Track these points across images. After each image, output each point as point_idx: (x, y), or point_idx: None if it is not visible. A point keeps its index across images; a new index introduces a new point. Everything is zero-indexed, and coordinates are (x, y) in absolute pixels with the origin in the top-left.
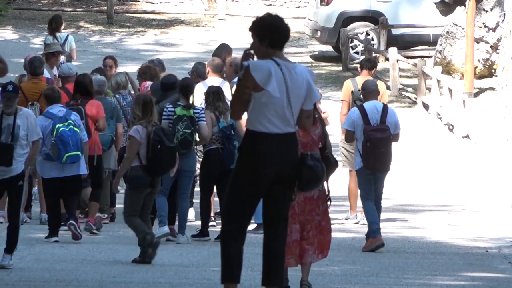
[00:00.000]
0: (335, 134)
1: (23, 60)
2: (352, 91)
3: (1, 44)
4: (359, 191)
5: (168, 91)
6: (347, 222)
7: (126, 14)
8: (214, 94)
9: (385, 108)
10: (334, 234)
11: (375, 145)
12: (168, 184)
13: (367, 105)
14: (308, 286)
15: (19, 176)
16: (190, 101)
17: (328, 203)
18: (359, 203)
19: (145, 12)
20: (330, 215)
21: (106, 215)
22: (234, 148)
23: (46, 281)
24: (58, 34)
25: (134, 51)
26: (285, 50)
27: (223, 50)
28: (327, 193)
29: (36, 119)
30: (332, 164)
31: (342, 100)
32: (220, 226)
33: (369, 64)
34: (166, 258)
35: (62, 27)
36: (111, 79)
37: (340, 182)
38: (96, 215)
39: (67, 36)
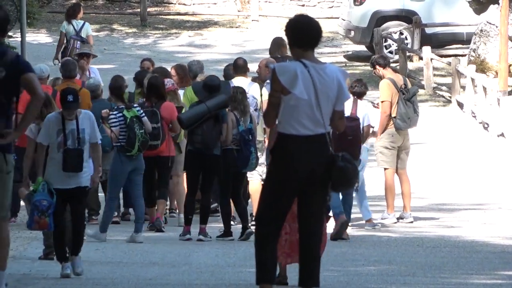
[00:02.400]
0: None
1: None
2: (401, 91)
3: (35, 47)
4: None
5: (212, 93)
6: (384, 222)
7: (160, 16)
8: (242, 94)
9: (355, 101)
10: (369, 233)
11: (344, 132)
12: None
13: None
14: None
15: (85, 189)
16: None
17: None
18: (397, 203)
19: (179, 13)
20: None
21: (116, 213)
22: (250, 154)
23: (82, 284)
24: (74, 21)
25: (168, 53)
26: (319, 50)
27: (275, 44)
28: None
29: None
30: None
31: (383, 101)
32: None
33: (385, 60)
34: (202, 259)
35: (80, 15)
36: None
37: (374, 181)
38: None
39: (84, 23)
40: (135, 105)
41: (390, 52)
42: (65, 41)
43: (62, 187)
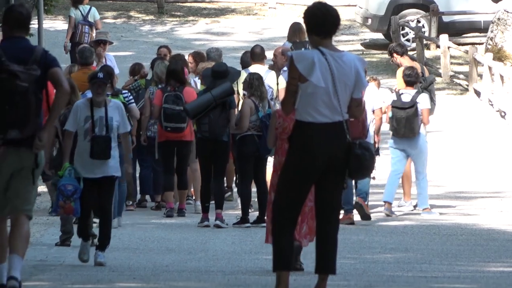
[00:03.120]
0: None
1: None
2: (424, 79)
3: (52, 34)
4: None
5: (219, 79)
6: (400, 209)
7: (177, 4)
8: (259, 80)
9: None
10: (386, 222)
11: None
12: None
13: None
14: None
15: (111, 178)
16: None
17: None
18: (413, 190)
19: (196, 1)
20: (383, 202)
21: (131, 202)
22: None
23: (98, 271)
24: (81, 7)
25: (185, 41)
26: (336, 38)
27: (293, 29)
28: None
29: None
30: None
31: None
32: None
33: (402, 48)
34: (219, 246)
35: (86, 0)
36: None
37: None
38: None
39: (90, 8)
40: (123, 91)
41: (408, 40)
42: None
43: (88, 176)
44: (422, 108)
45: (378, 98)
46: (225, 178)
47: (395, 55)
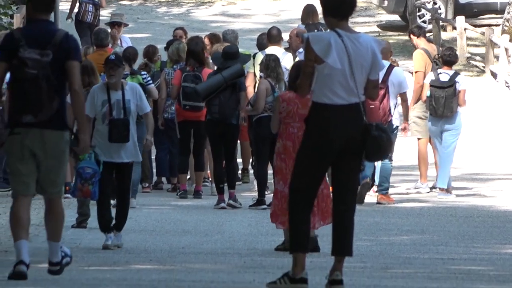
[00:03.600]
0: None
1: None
2: (434, 61)
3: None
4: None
5: (229, 60)
6: (417, 191)
7: None
8: (275, 61)
9: (389, 68)
10: (402, 204)
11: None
12: None
13: None
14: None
15: (129, 164)
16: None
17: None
18: (430, 172)
19: None
20: (399, 184)
21: (147, 184)
22: None
23: (115, 253)
24: None
25: (201, 22)
26: (352, 20)
27: (306, 11)
28: None
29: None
30: None
31: (416, 72)
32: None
33: (419, 30)
34: (235, 228)
35: None
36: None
37: (408, 151)
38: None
39: None
40: (142, 72)
41: (424, 22)
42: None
43: (107, 160)
44: (461, 88)
45: (405, 82)
46: (241, 160)
47: (412, 36)
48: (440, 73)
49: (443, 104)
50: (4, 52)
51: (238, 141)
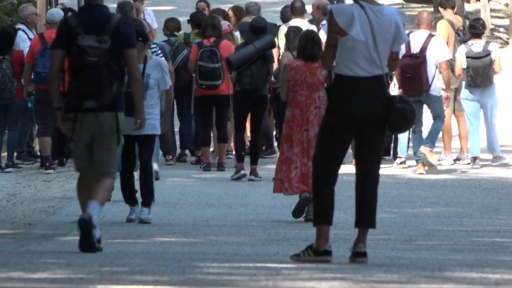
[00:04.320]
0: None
1: (115, 6)
2: (457, 32)
3: None
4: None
5: (258, 34)
6: (440, 163)
7: None
8: (295, 32)
9: (428, 37)
10: (425, 175)
11: (403, 70)
12: None
13: (413, 34)
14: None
15: (148, 137)
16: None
17: None
18: (454, 144)
19: None
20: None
21: (171, 156)
22: None
23: (139, 226)
24: None
25: None
26: None
27: None
28: None
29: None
30: None
31: None
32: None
33: (447, 2)
34: (259, 200)
35: None
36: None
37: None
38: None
39: None
40: (152, 45)
41: None
42: None
43: (126, 133)
44: (496, 56)
45: (444, 51)
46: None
47: (440, 7)
48: (472, 44)
49: (481, 74)
50: (61, 39)
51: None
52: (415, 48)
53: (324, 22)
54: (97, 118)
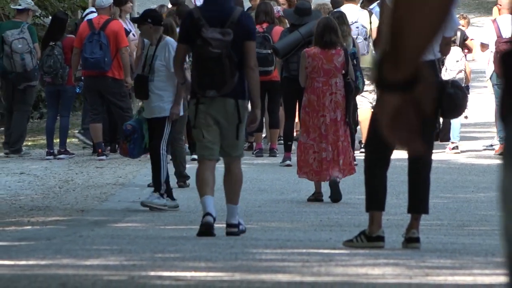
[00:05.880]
0: (480, 61)
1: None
2: None
3: None
4: None
5: (304, 16)
6: (492, 148)
7: None
8: (338, 18)
9: None
10: (478, 160)
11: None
12: None
13: (501, 19)
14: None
15: (162, 119)
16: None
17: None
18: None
19: None
20: (474, 142)
21: None
22: (356, 79)
23: (191, 212)
24: None
25: None
26: None
27: None
28: (346, 117)
29: None
30: (352, 90)
31: None
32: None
33: None
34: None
35: None
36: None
37: (484, 108)
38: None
39: None
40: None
41: None
42: None
43: (145, 117)
44: None
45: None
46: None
47: None
48: None
49: None
50: (185, 33)
51: None
52: (506, 33)
53: (372, 6)
54: (223, 104)
